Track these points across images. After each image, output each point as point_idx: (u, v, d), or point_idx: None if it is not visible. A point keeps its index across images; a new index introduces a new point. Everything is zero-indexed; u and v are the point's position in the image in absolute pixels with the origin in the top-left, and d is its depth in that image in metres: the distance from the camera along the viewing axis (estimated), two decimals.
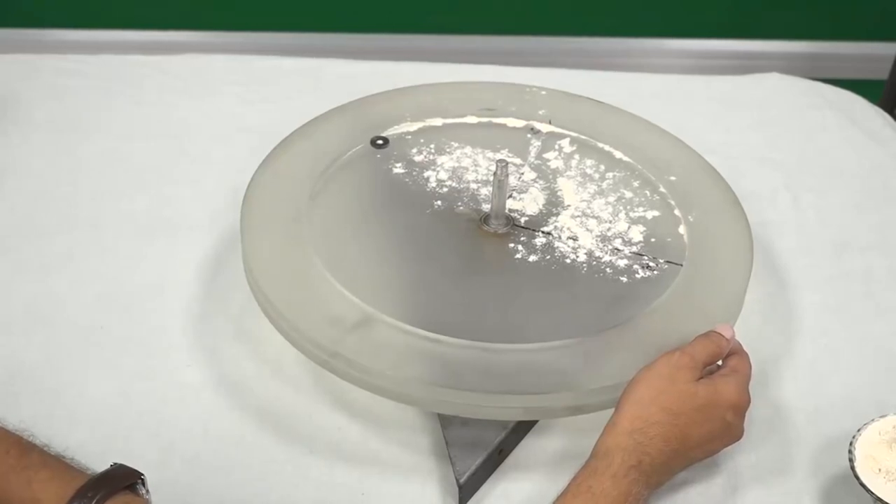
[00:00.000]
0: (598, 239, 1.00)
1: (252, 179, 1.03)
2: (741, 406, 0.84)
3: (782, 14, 2.21)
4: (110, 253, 1.08)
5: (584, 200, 1.04)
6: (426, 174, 1.06)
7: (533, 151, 1.10)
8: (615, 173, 1.08)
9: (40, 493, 0.72)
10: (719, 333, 0.87)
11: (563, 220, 1.01)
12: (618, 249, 0.99)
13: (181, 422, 0.92)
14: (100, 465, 0.76)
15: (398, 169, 1.07)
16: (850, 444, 0.84)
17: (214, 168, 1.19)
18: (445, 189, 1.05)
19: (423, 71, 1.37)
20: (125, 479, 0.74)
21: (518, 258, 0.97)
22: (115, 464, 0.76)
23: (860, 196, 1.20)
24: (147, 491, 0.76)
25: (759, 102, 1.36)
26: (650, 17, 2.22)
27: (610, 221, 1.02)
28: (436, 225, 1.01)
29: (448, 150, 1.09)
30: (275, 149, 1.07)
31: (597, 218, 1.02)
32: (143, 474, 0.76)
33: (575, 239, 0.99)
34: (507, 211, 1.00)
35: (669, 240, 1.00)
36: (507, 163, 0.97)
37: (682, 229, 1.01)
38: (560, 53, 2.21)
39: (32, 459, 0.74)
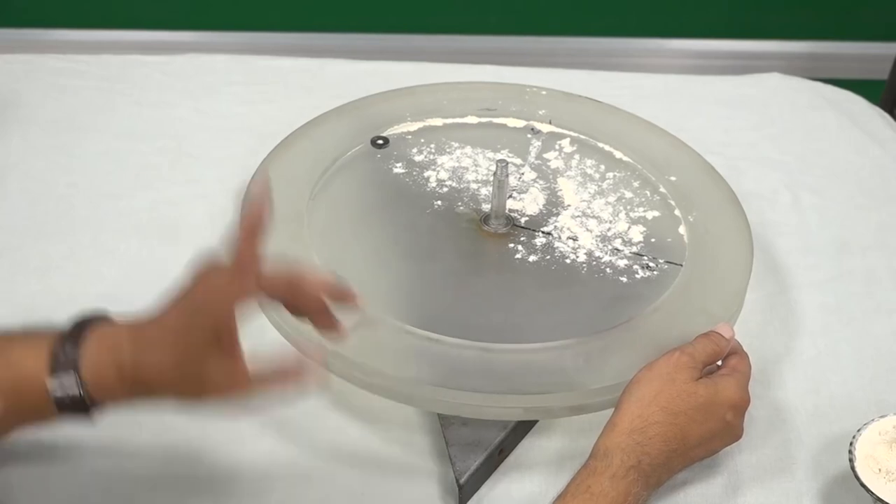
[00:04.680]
0: (598, 239, 1.00)
1: (252, 179, 1.03)
2: (741, 405, 0.84)
3: (782, 14, 2.21)
4: (110, 253, 1.08)
5: (584, 200, 1.04)
6: (426, 174, 1.06)
7: (533, 151, 1.10)
8: (615, 173, 1.08)
9: (21, 370, 0.72)
10: (719, 333, 0.87)
11: (564, 220, 1.01)
12: (618, 249, 0.98)
13: (181, 422, 0.91)
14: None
15: (398, 169, 1.07)
16: (850, 444, 0.84)
17: (214, 168, 1.19)
18: (445, 189, 1.05)
19: (423, 71, 1.36)
20: (95, 318, 0.75)
21: (518, 258, 0.97)
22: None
23: (860, 196, 1.20)
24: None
25: (759, 102, 1.36)
26: (650, 17, 2.21)
27: (610, 221, 1.02)
28: (436, 225, 1.01)
29: (448, 150, 1.09)
30: (275, 149, 1.07)
31: (597, 218, 1.02)
32: (108, 313, 0.76)
33: (575, 239, 0.99)
34: (507, 211, 1.00)
35: (669, 240, 1.00)
36: (508, 163, 0.97)
37: (682, 229, 1.01)
38: (560, 53, 2.21)
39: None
